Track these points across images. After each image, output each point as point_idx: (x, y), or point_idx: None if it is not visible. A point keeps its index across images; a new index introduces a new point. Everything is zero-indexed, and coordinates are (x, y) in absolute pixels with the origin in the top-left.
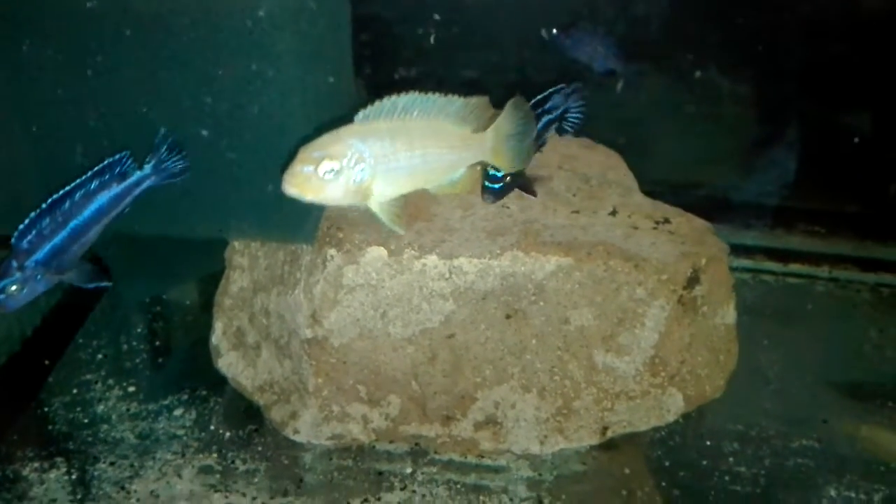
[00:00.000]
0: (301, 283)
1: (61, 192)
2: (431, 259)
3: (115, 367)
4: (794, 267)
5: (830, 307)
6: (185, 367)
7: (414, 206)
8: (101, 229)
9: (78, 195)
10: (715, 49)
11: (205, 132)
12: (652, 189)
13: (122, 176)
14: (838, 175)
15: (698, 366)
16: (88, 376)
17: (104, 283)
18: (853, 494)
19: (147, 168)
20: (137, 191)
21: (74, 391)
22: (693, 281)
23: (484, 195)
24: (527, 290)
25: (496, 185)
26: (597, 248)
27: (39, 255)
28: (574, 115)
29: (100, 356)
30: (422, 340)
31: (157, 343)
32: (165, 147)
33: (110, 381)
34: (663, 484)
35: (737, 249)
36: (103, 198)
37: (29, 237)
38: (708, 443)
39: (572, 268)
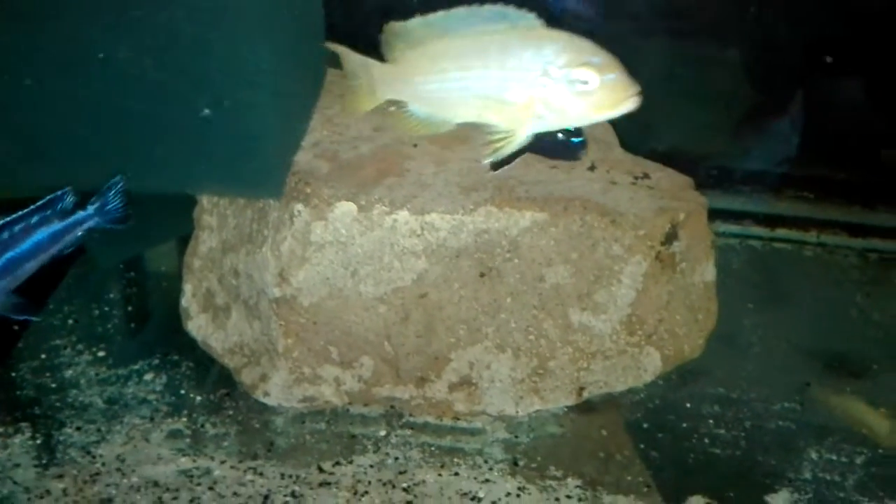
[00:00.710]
0: (268, 240)
1: (0, 222)
2: (402, 215)
3: (85, 333)
4: (782, 232)
5: (818, 272)
6: (158, 331)
7: (385, 161)
8: (37, 266)
9: (17, 228)
10: (704, 15)
11: (165, 84)
12: (643, 151)
13: (64, 213)
14: (827, 141)
15: (676, 325)
16: (58, 342)
17: (32, 318)
18: (834, 457)
19: (90, 209)
20: (78, 230)
21: (43, 356)
22: (671, 237)
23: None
24: (501, 247)
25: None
26: (573, 203)
27: None
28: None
29: (70, 321)
30: (394, 300)
31: (130, 308)
32: (113, 192)
33: (80, 347)
34: (641, 446)
35: (725, 214)
36: (42, 233)
37: None
38: (688, 405)
39: (547, 223)
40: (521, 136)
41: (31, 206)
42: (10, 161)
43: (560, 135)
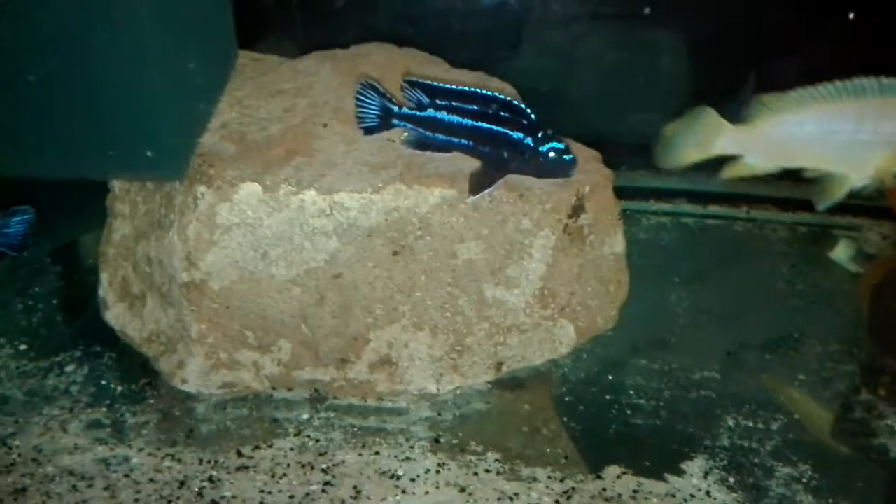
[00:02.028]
0: (175, 224)
1: None
2: (310, 194)
3: (7, 326)
4: (714, 209)
5: (746, 246)
6: (82, 324)
7: (294, 142)
8: None
9: None
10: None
11: (54, 64)
12: (574, 134)
13: None
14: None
15: (588, 297)
16: None
17: None
18: (751, 424)
19: None
20: None
21: None
22: (578, 209)
23: None
24: (412, 224)
25: None
26: None
27: None
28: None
29: None
30: (308, 281)
31: (55, 302)
32: (18, 219)
33: (2, 341)
34: (566, 419)
35: (658, 194)
36: None
37: None
38: (610, 377)
39: (457, 200)
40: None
41: None
42: None
43: (552, 153)
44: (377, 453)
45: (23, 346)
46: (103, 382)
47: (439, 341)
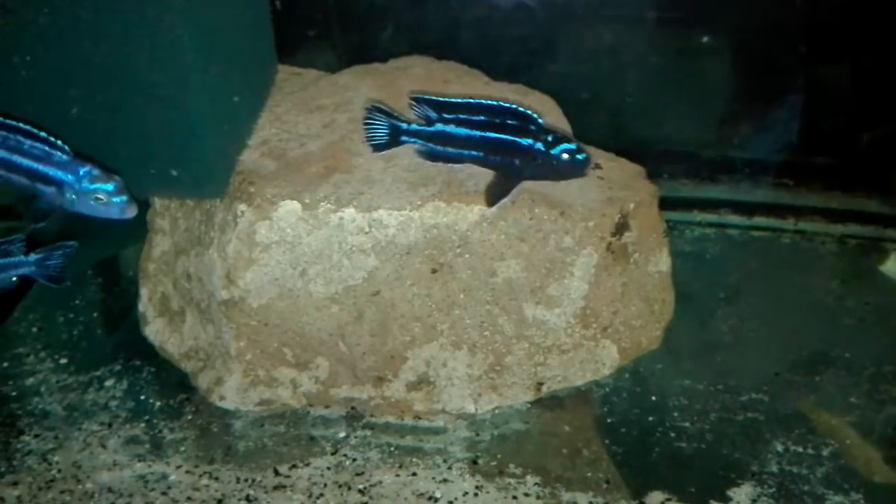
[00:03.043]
0: (214, 242)
1: None
2: (349, 212)
3: (49, 340)
4: (760, 220)
5: (794, 260)
6: (121, 337)
7: (333, 158)
8: None
9: None
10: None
11: (98, 86)
12: (617, 146)
13: (6, 253)
14: (806, 127)
15: (632, 316)
16: (21, 349)
17: None
18: (801, 449)
19: (31, 257)
20: (13, 272)
21: (6, 365)
22: (621, 227)
23: None
24: (451, 242)
25: None
26: (521, 196)
27: None
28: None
29: (35, 329)
30: (346, 299)
31: (96, 315)
32: (60, 252)
33: (43, 354)
34: (606, 442)
35: (702, 204)
36: None
37: None
38: (654, 398)
39: (496, 217)
40: None
41: None
42: None
43: (565, 155)
44: (414, 474)
45: (63, 360)
46: (142, 397)
47: (478, 360)
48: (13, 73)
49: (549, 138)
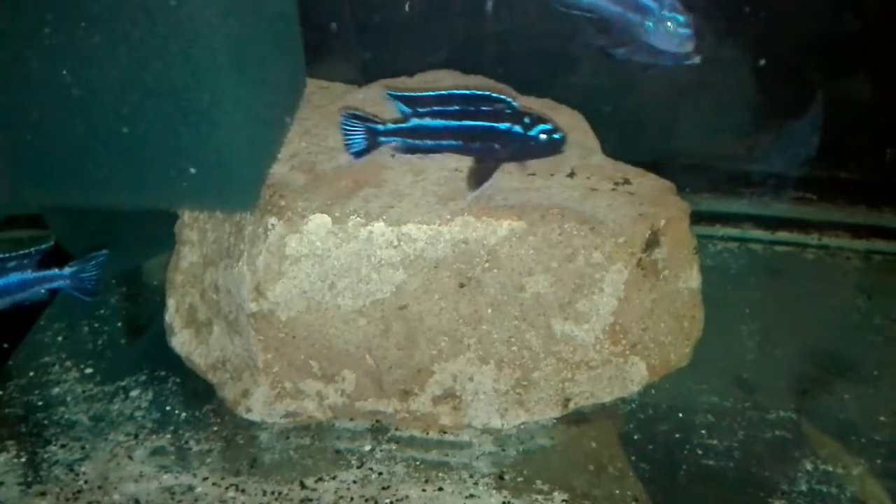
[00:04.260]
0: (244, 254)
1: None
2: (378, 226)
3: (74, 350)
4: (783, 235)
5: (818, 275)
6: (147, 347)
7: (362, 172)
8: (1, 306)
9: None
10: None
11: (130, 98)
12: (638, 159)
13: (40, 266)
14: (830, 141)
15: (661, 333)
16: (47, 359)
17: None
18: (831, 468)
19: (66, 270)
20: (47, 286)
21: (31, 374)
22: (652, 243)
23: None
24: (480, 256)
25: None
26: (551, 212)
27: None
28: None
29: (60, 338)
30: (373, 312)
31: (120, 324)
32: (93, 263)
33: (68, 364)
34: (633, 458)
35: (724, 218)
36: (14, 278)
37: None
38: (681, 415)
39: (526, 232)
40: None
41: (12, 253)
42: None
43: (542, 136)
44: (441, 489)
45: (88, 370)
46: (167, 408)
47: (505, 375)
48: (48, 84)
49: (527, 120)
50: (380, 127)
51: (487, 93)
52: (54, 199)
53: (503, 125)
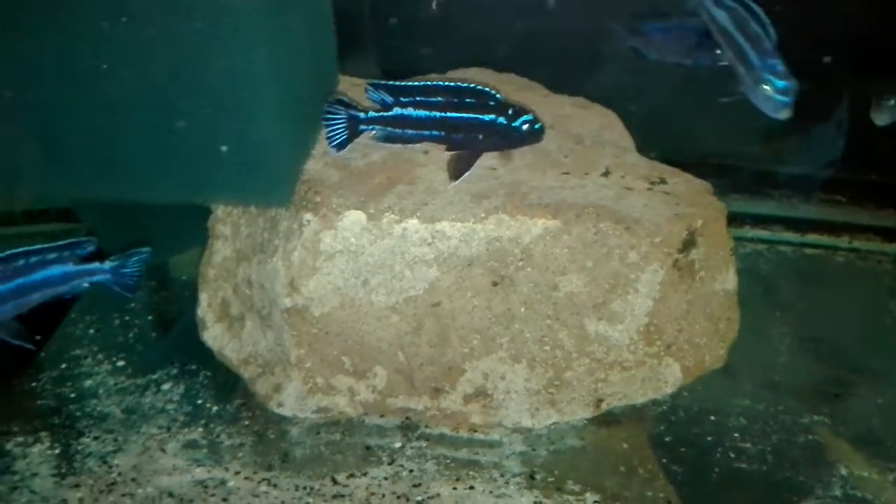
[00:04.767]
0: (279, 250)
1: (19, 250)
2: (412, 223)
3: (106, 342)
4: (813, 237)
5: (849, 278)
6: (178, 341)
7: (396, 169)
8: (41, 299)
9: (33, 259)
10: None
11: (169, 94)
12: (666, 158)
13: (80, 259)
14: (860, 143)
15: (696, 334)
16: (79, 351)
17: (27, 345)
18: (865, 474)
19: (107, 264)
20: (87, 280)
21: (64, 366)
22: (689, 244)
23: None
24: (513, 255)
25: None
26: (586, 210)
27: None
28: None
29: (92, 331)
30: (406, 309)
31: (151, 318)
32: (135, 259)
33: (100, 356)
34: (664, 460)
35: (753, 219)
36: (55, 270)
37: None
38: (713, 417)
39: (560, 231)
40: None
41: (53, 244)
42: (29, 173)
43: (525, 126)
44: (472, 488)
45: (120, 363)
46: (199, 402)
47: (537, 375)
48: (86, 78)
49: (510, 112)
50: (361, 115)
51: (472, 85)
52: (89, 193)
53: (487, 117)
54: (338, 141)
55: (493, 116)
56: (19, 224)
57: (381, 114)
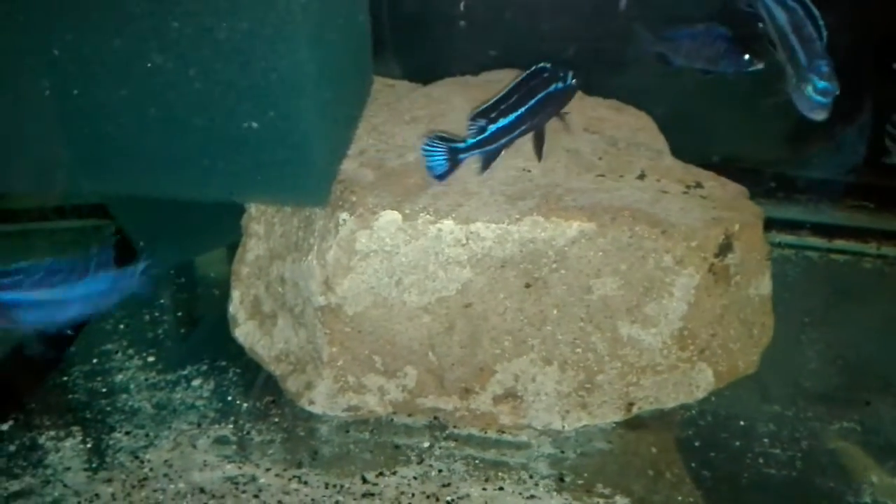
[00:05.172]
0: (314, 249)
1: (65, 261)
2: (447, 224)
3: (136, 337)
4: (840, 243)
5: (877, 285)
6: (207, 337)
7: None
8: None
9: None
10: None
11: (210, 93)
12: (693, 161)
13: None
14: (888, 148)
15: (730, 339)
16: (109, 346)
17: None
18: None
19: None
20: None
21: (95, 361)
22: (725, 248)
23: None
24: (547, 257)
25: None
26: (622, 213)
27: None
28: None
29: (122, 326)
30: (438, 309)
31: (181, 313)
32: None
33: (130, 351)
34: (693, 465)
35: (781, 224)
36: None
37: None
38: (742, 423)
39: (595, 234)
40: None
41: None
42: (64, 168)
43: (573, 80)
44: (501, 489)
45: (151, 358)
46: (229, 398)
47: (568, 377)
48: (128, 74)
49: (561, 73)
50: (460, 146)
51: (530, 70)
52: (128, 190)
53: (552, 88)
54: (439, 173)
55: (554, 85)
56: (50, 219)
57: (477, 138)
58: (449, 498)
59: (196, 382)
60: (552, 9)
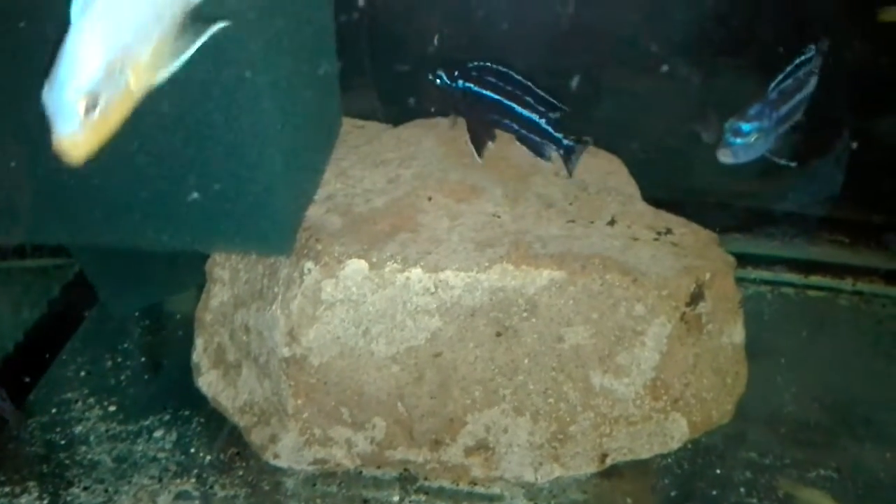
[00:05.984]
0: (279, 298)
1: None
2: (415, 272)
3: (97, 385)
4: (816, 279)
5: (854, 322)
6: (170, 385)
7: (398, 216)
8: None
9: None
10: (734, 50)
11: (170, 140)
12: (667, 197)
13: None
14: (863, 183)
15: (704, 389)
16: (69, 395)
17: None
18: None
19: None
20: None
21: (53, 410)
22: (696, 297)
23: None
24: (518, 305)
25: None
26: (592, 261)
27: None
28: None
29: (83, 373)
30: (407, 359)
31: (144, 360)
32: None
33: (91, 400)
34: None
35: (755, 260)
36: None
37: None
38: (718, 471)
39: (566, 282)
40: None
41: None
42: (26, 214)
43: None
44: None
45: (112, 407)
46: (192, 450)
47: (540, 428)
48: None
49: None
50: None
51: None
52: (87, 238)
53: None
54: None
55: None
56: (9, 259)
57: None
58: None
59: (158, 433)
60: (524, 45)
